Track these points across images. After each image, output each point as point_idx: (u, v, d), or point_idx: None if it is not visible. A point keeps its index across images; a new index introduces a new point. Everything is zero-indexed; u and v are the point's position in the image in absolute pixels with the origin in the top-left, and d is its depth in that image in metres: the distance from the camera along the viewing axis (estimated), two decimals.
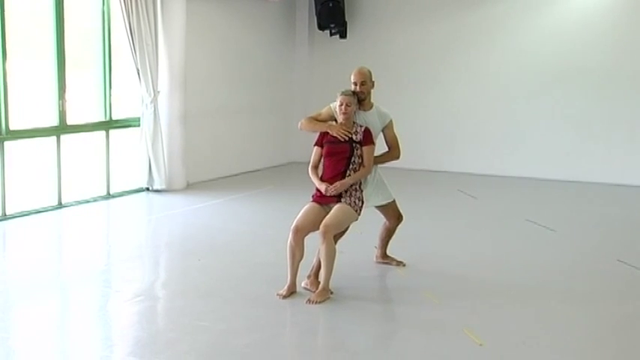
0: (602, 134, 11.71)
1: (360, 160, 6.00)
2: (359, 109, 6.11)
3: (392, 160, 6.37)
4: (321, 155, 6.10)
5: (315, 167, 6.13)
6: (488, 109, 12.44)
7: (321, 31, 13.14)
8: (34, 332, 5.11)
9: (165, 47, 10.25)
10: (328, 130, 5.99)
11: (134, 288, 6.14)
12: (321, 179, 5.98)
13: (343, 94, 5.98)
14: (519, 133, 12.22)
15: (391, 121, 6.33)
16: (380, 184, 6.38)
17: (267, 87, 12.84)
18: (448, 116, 12.74)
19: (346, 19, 12.91)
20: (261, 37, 12.68)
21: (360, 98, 6.09)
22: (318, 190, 5.99)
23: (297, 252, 5.79)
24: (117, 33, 9.72)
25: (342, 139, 5.94)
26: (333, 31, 12.98)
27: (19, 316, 5.51)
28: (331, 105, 6.15)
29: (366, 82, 6.13)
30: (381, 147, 6.30)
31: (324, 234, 5.68)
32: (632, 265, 6.96)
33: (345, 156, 5.95)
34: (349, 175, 5.93)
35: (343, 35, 13.04)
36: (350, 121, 6.01)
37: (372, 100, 6.26)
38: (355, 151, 5.97)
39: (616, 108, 11.61)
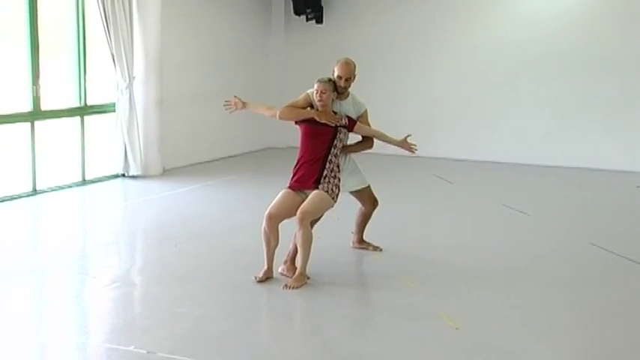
0: (577, 119, 11.77)
1: (340, 144, 6.03)
2: (335, 98, 6.10)
3: (365, 149, 6.39)
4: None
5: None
6: (463, 94, 12.47)
7: (297, 17, 13.08)
8: (9, 319, 5.08)
9: (140, 32, 10.16)
10: (315, 117, 5.98)
11: (110, 274, 6.12)
12: (297, 167, 6.00)
13: (319, 81, 5.98)
14: (495, 118, 12.27)
15: (366, 110, 6.34)
16: (354, 170, 6.39)
17: (243, 72, 12.78)
18: (424, 101, 12.75)
19: (322, 5, 12.87)
20: (237, 22, 12.61)
21: (339, 91, 6.10)
22: (293, 176, 6.00)
23: (272, 238, 5.81)
24: (91, 18, 9.62)
25: (332, 125, 5.95)
26: (309, 16, 12.93)
27: None
28: (308, 92, 6.14)
29: (350, 77, 6.11)
30: (354, 136, 6.34)
31: (301, 220, 5.70)
32: (605, 248, 7.04)
33: (328, 138, 5.96)
34: (330, 160, 5.94)
35: (319, 20, 13.00)
36: (328, 107, 6.01)
37: (348, 89, 6.26)
38: (338, 134, 5.98)
39: (591, 93, 11.67)
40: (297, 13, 12.92)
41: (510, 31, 12.03)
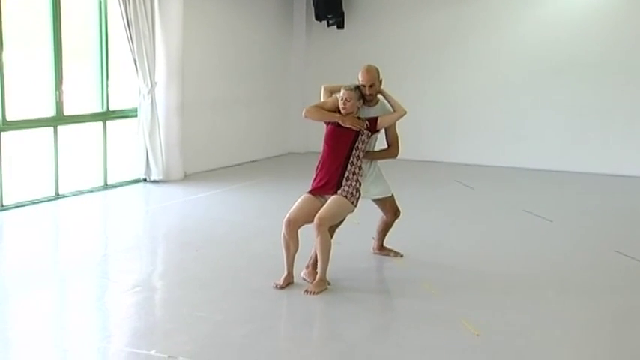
0: (600, 125, 11.71)
1: (362, 146, 5.99)
2: (363, 104, 6.09)
3: (390, 157, 6.34)
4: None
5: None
6: (486, 100, 12.44)
7: (318, 22, 13.11)
8: (32, 323, 5.12)
9: (162, 38, 10.21)
10: (339, 122, 5.96)
11: (132, 279, 6.13)
12: (318, 169, 5.99)
13: (345, 88, 5.97)
14: (517, 124, 12.23)
15: None
16: (378, 178, 6.35)
17: (264, 77, 12.83)
18: (446, 107, 12.73)
19: (344, 10, 12.89)
20: (258, 28, 12.65)
21: (366, 99, 6.08)
22: (315, 178, 5.98)
23: (292, 244, 5.80)
24: (114, 23, 9.69)
25: (356, 130, 5.94)
26: (330, 21, 12.95)
27: (16, 306, 5.51)
28: (337, 95, 6.11)
29: (374, 84, 6.07)
30: (380, 144, 6.32)
31: (319, 227, 5.68)
32: (629, 255, 6.97)
33: (350, 140, 5.92)
34: (352, 162, 5.90)
35: (341, 26, 13.01)
36: (353, 114, 5.99)
37: (377, 96, 6.23)
38: (360, 136, 5.96)
39: (613, 99, 11.61)
40: (319, 18, 12.94)
41: (533, 37, 11.98)
